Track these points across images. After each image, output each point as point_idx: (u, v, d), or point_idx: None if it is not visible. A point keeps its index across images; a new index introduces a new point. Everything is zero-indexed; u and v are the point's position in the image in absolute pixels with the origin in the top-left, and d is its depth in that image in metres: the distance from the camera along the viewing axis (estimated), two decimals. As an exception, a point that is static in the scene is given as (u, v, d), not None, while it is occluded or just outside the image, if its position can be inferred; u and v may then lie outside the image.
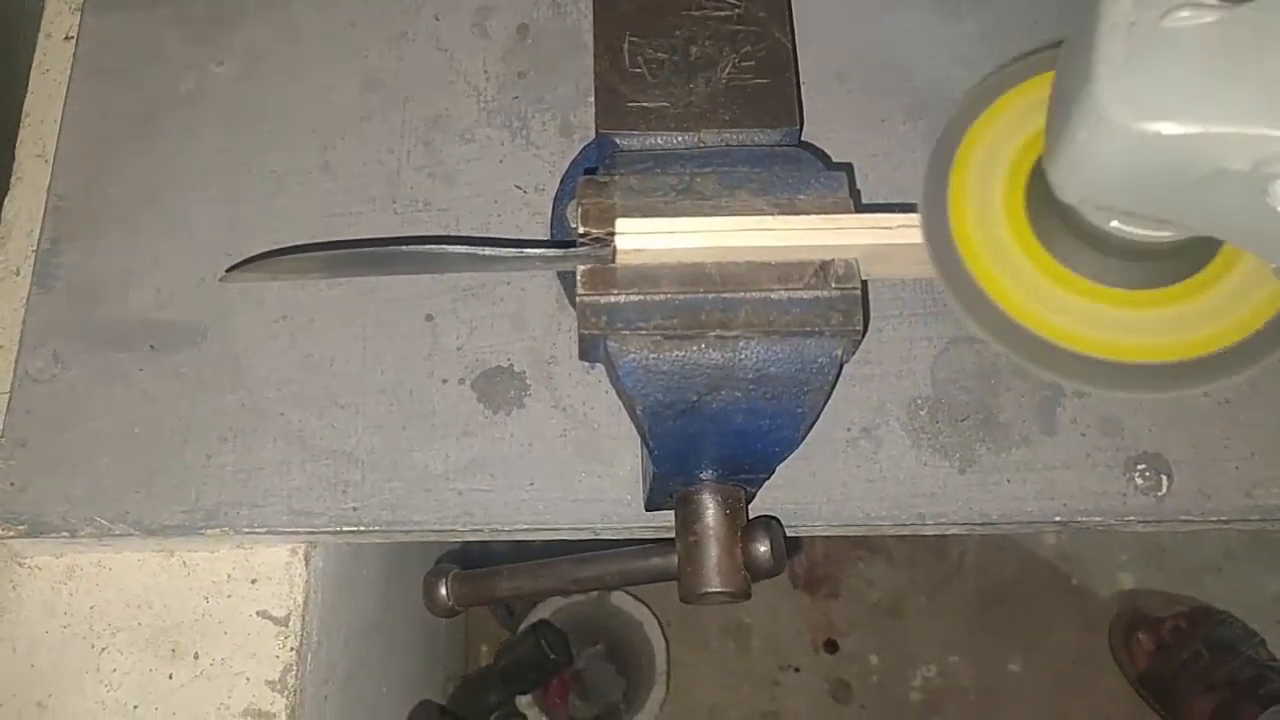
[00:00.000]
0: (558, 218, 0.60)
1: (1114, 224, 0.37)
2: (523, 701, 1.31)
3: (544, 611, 1.38)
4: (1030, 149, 0.42)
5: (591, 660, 1.42)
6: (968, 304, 0.41)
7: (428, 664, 1.12)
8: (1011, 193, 0.41)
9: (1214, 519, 0.57)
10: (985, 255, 0.41)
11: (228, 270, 0.54)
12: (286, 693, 0.58)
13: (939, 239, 0.42)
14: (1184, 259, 0.39)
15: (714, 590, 0.48)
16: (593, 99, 0.56)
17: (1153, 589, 1.52)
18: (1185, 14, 0.29)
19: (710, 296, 0.45)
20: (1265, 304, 0.39)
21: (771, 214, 0.46)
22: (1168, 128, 0.29)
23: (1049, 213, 0.39)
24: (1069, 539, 1.53)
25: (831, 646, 1.51)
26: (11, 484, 0.57)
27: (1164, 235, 0.36)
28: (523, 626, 1.31)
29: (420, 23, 0.66)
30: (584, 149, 0.61)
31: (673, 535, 0.51)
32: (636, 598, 1.44)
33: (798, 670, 1.50)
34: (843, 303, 0.45)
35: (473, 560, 0.57)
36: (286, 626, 0.59)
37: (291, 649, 0.59)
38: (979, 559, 1.54)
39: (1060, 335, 0.40)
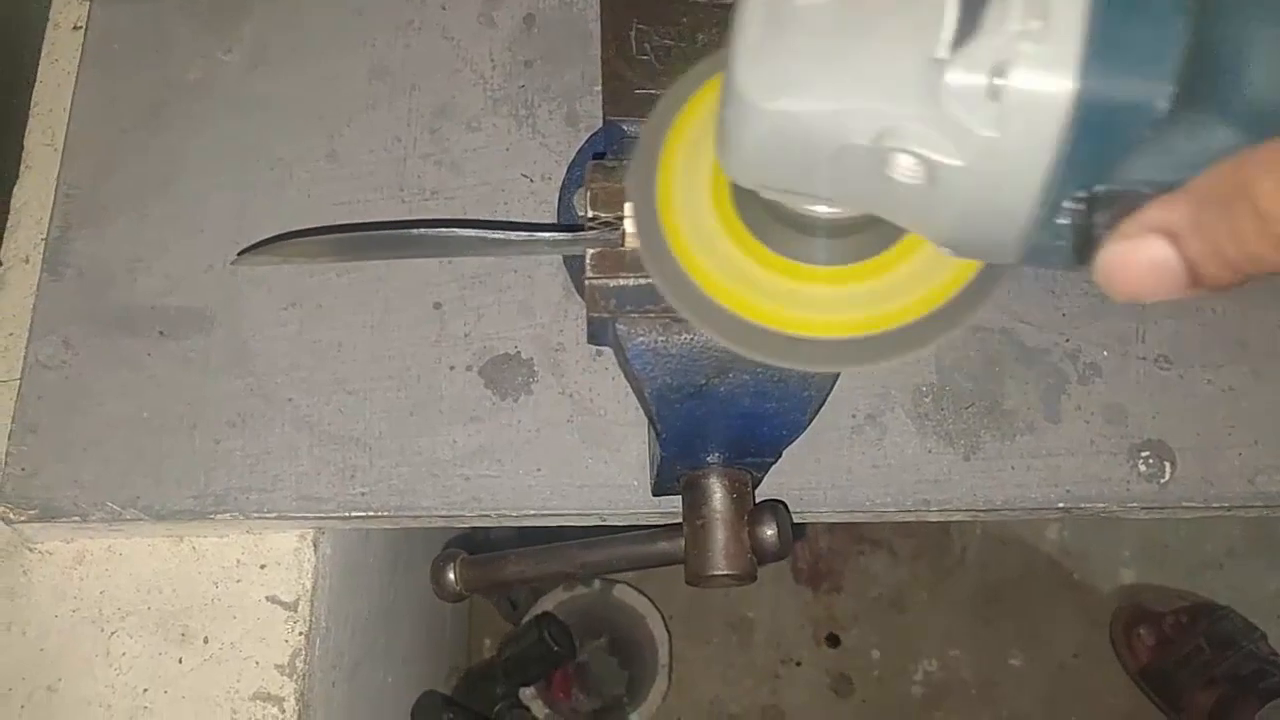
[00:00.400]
0: (564, 206, 0.60)
1: (784, 200, 0.37)
2: (526, 694, 1.31)
3: (547, 604, 1.39)
4: None
5: (594, 653, 1.43)
6: (675, 292, 0.41)
7: (432, 656, 1.13)
8: (718, 182, 0.41)
9: (1217, 505, 0.57)
10: (686, 232, 0.41)
11: (239, 253, 0.55)
12: (295, 677, 0.58)
13: (652, 233, 0.42)
14: (877, 234, 0.39)
15: (720, 573, 0.49)
16: (599, 88, 0.57)
17: (1154, 584, 1.52)
18: None
19: (718, 280, 0.45)
20: (952, 278, 0.39)
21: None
22: (792, 104, 0.30)
23: (748, 197, 0.39)
24: (1070, 534, 1.54)
25: (833, 640, 1.52)
26: (22, 469, 0.58)
27: (835, 211, 0.37)
28: (526, 619, 1.31)
29: (427, 11, 0.66)
30: (590, 137, 0.62)
31: (679, 521, 0.51)
32: (639, 590, 1.44)
33: (799, 664, 1.51)
34: (850, 286, 0.46)
35: (478, 549, 0.57)
36: (295, 611, 0.59)
37: (300, 634, 0.59)
38: (981, 553, 1.54)
39: (757, 313, 0.40)
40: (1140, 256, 0.27)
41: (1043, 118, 0.26)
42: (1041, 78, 0.26)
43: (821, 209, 0.37)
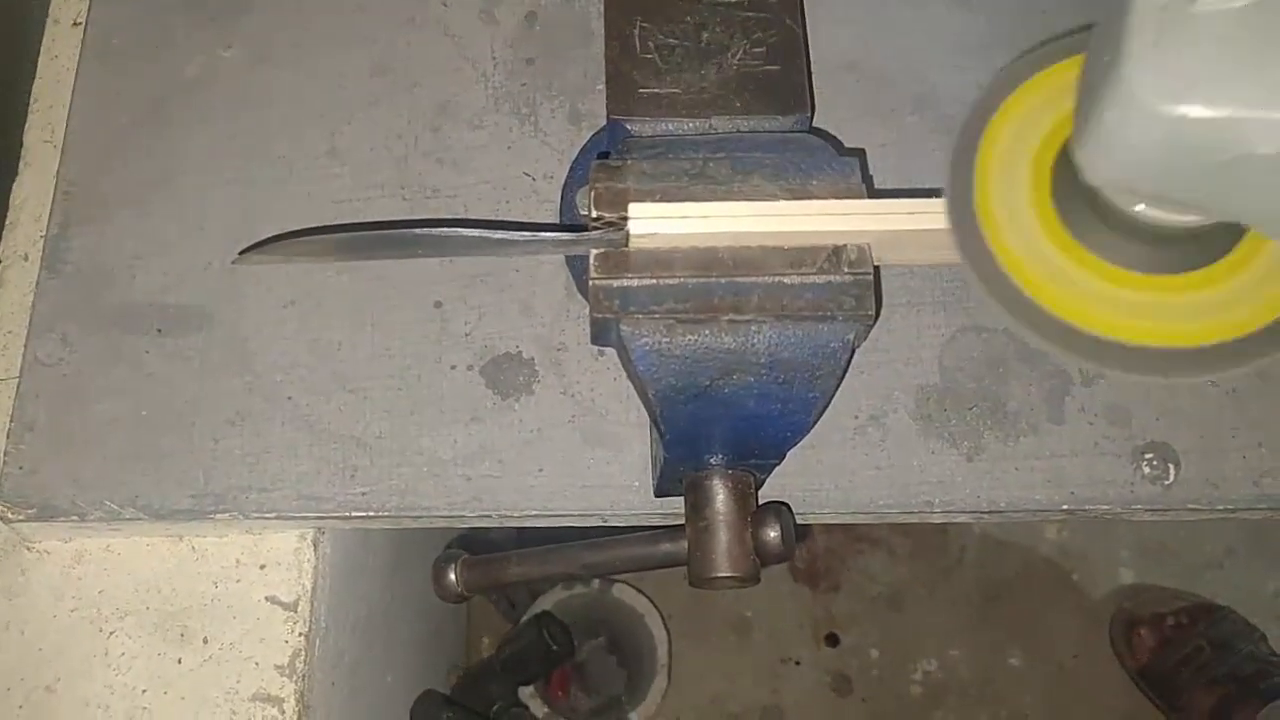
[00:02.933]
0: (567, 205, 0.60)
1: (1139, 207, 0.37)
2: (525, 693, 1.31)
3: (546, 603, 1.38)
4: (1056, 133, 0.42)
5: (593, 652, 1.42)
6: (990, 286, 0.41)
7: (431, 656, 1.13)
8: (1037, 177, 0.41)
9: (1221, 508, 0.57)
10: (1010, 239, 0.41)
11: (241, 252, 0.54)
12: (295, 678, 0.58)
13: (964, 223, 0.41)
14: (1208, 245, 0.39)
15: (723, 575, 0.48)
16: (601, 86, 0.56)
17: (1154, 584, 1.52)
18: None
19: (723, 281, 0.45)
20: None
21: (784, 199, 0.46)
22: (1195, 110, 0.29)
23: (1074, 197, 0.39)
24: (1070, 534, 1.53)
25: (832, 640, 1.51)
26: (21, 468, 0.57)
27: (1189, 220, 0.36)
28: (525, 618, 1.31)
29: (428, 9, 0.66)
30: (593, 136, 0.61)
31: (681, 522, 0.51)
32: (638, 590, 1.44)
33: (799, 663, 1.50)
34: (855, 288, 0.45)
35: (479, 549, 0.57)
36: (295, 612, 0.59)
37: (300, 634, 0.59)
38: (980, 553, 1.54)
39: (1082, 318, 0.40)
40: None
41: None
42: None
43: (1177, 217, 0.36)
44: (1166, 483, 0.57)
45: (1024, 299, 0.40)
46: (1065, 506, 0.57)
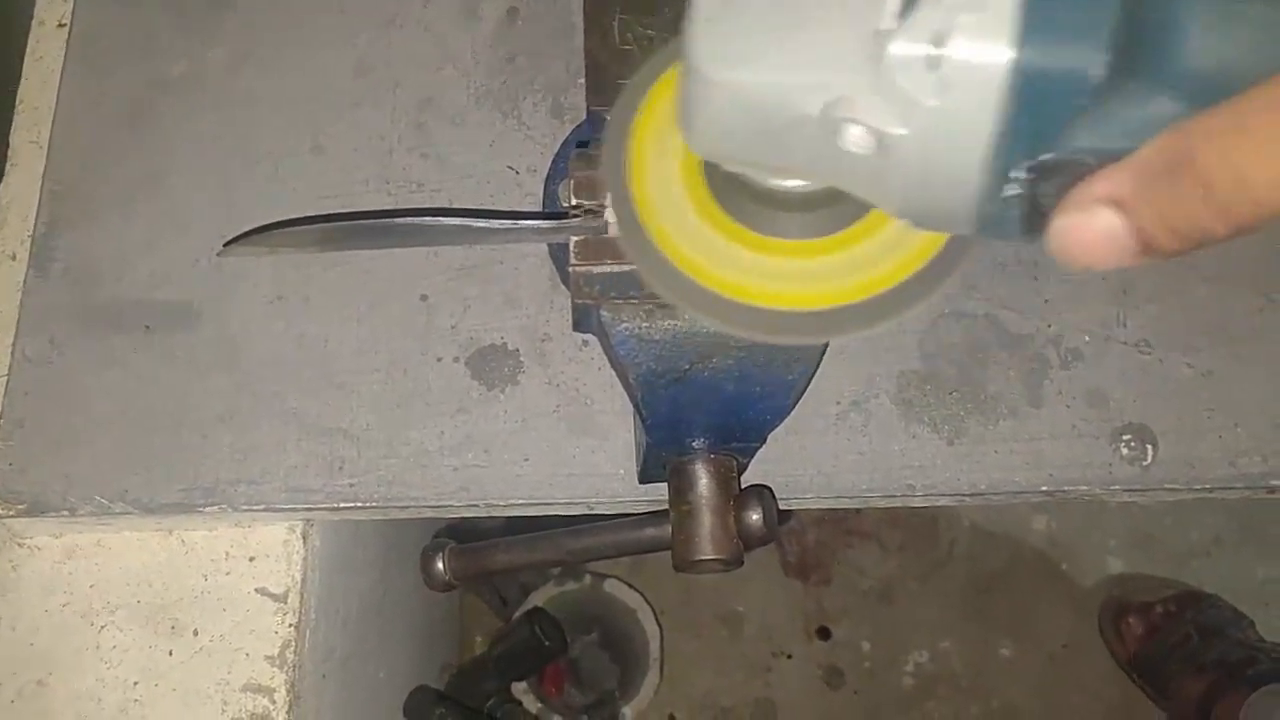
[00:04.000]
0: (550, 197, 0.60)
1: (748, 173, 0.37)
2: (518, 689, 1.31)
3: (538, 599, 1.39)
4: None
5: (586, 648, 1.43)
6: (643, 261, 0.41)
7: (423, 652, 1.13)
8: (688, 155, 0.42)
9: (1198, 487, 0.58)
10: (658, 207, 0.42)
11: (225, 244, 0.55)
12: (286, 668, 0.59)
13: (626, 214, 0.42)
14: (843, 208, 0.39)
15: (707, 558, 0.49)
16: (583, 80, 0.57)
17: (1142, 573, 1.53)
18: None
19: (701, 265, 0.46)
20: (919, 251, 0.40)
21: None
22: (743, 76, 0.30)
23: (713, 171, 0.40)
24: (1058, 524, 1.54)
25: (824, 633, 1.52)
26: (10, 464, 0.58)
27: (800, 185, 0.37)
28: (517, 614, 1.32)
29: (410, 7, 0.66)
30: (575, 129, 0.62)
31: (666, 508, 0.52)
32: (630, 585, 1.45)
33: (790, 657, 1.51)
34: (832, 271, 0.46)
35: (467, 539, 0.57)
36: (285, 603, 0.60)
37: (290, 625, 0.59)
38: (970, 545, 1.55)
39: (724, 286, 0.40)
40: (1090, 226, 0.28)
41: (981, 86, 0.27)
42: (979, 47, 0.27)
43: (783, 182, 0.37)
44: (1144, 463, 0.58)
45: (671, 268, 0.41)
46: (1045, 488, 0.57)
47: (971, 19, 0.26)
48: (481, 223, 0.48)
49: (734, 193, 0.40)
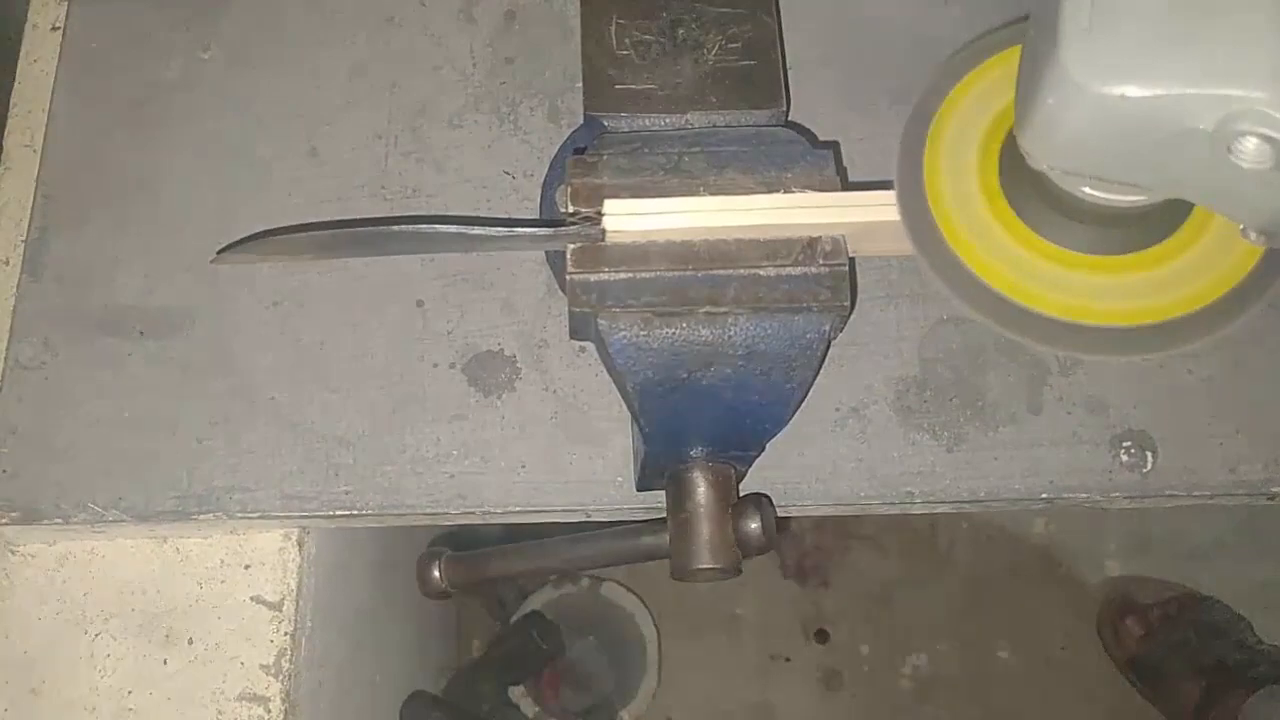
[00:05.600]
0: (547, 202, 0.60)
1: (1084, 189, 0.37)
2: (515, 692, 1.31)
3: (535, 603, 1.38)
4: (1001, 122, 0.42)
5: (583, 651, 1.42)
6: (945, 276, 0.41)
7: (420, 656, 1.13)
8: (985, 164, 0.42)
9: (1198, 494, 0.57)
10: (961, 226, 0.42)
11: (220, 251, 0.54)
12: (281, 677, 0.58)
13: (917, 215, 0.42)
14: (1155, 224, 0.39)
15: (705, 566, 0.49)
16: (580, 84, 0.56)
17: (1140, 576, 1.52)
18: None
19: (699, 274, 0.46)
20: (1232, 269, 0.40)
21: (760, 192, 0.47)
22: (1132, 90, 0.30)
23: (1022, 182, 0.40)
24: (1057, 527, 1.54)
25: (822, 636, 1.52)
26: (3, 471, 0.58)
27: (1134, 200, 0.37)
28: (514, 618, 1.31)
29: (407, 8, 0.66)
30: (572, 134, 0.62)
31: (663, 516, 0.51)
32: (628, 588, 1.44)
33: (789, 660, 1.51)
34: (830, 279, 0.46)
35: (463, 547, 0.57)
36: (280, 611, 0.59)
37: (285, 633, 0.59)
38: (968, 548, 1.55)
39: (1034, 301, 0.40)
40: None
41: None
42: None
43: (1121, 198, 0.37)
44: (1144, 470, 0.57)
45: (979, 285, 0.41)
46: (1044, 495, 0.57)
47: None
48: (478, 230, 0.47)
49: (1037, 203, 0.39)
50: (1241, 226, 0.35)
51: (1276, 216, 0.32)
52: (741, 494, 0.52)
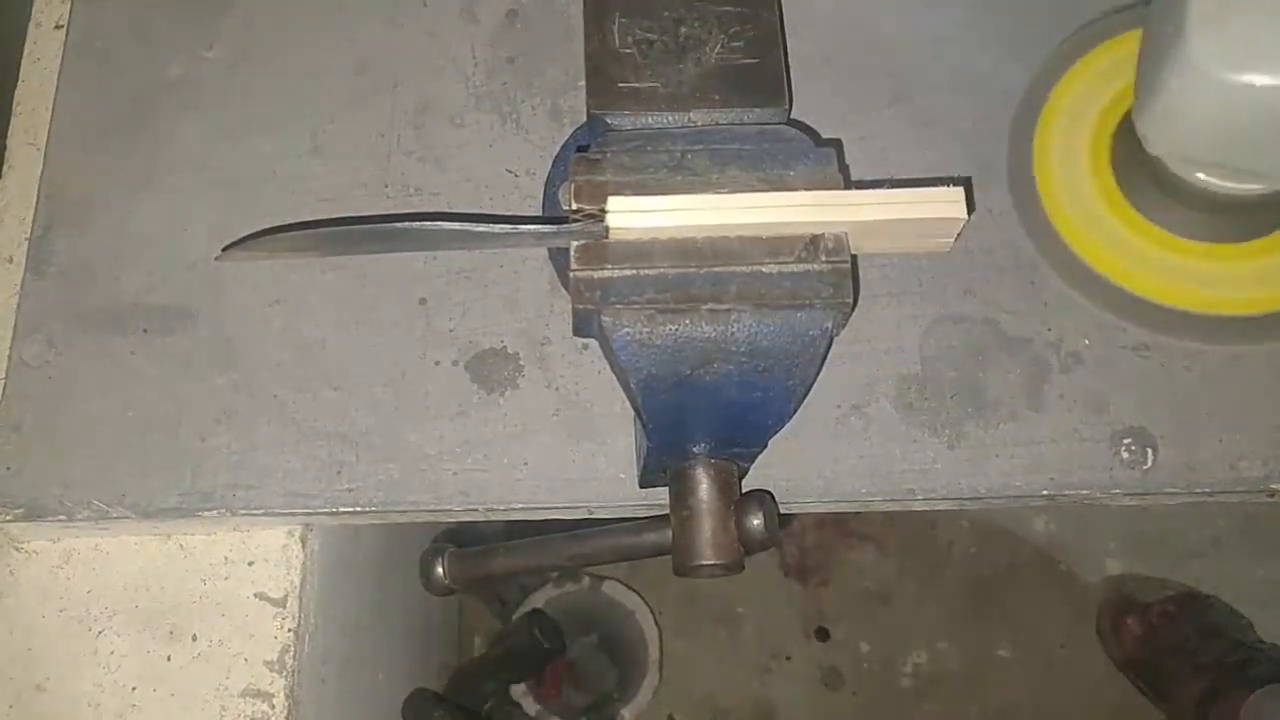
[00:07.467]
0: (550, 200, 0.60)
1: (1199, 176, 0.37)
2: (517, 690, 1.31)
3: (537, 601, 1.39)
4: (1114, 107, 0.42)
5: (585, 649, 1.43)
6: (1052, 258, 0.41)
7: (422, 654, 1.13)
8: (1096, 148, 0.41)
9: (1199, 491, 0.57)
10: (1069, 210, 0.41)
11: (224, 249, 0.55)
12: (285, 673, 0.58)
13: (1026, 197, 0.41)
14: (1268, 214, 0.39)
15: (708, 563, 0.49)
16: (582, 83, 0.57)
17: (1140, 574, 1.53)
18: None
19: (702, 271, 0.46)
20: None
21: (762, 189, 0.47)
22: (1260, 79, 0.29)
23: (1135, 167, 0.39)
24: (1057, 525, 1.54)
25: (823, 634, 1.52)
26: (7, 468, 0.58)
27: (1251, 188, 0.36)
28: (516, 616, 1.31)
29: (409, 7, 0.66)
30: (575, 132, 0.62)
31: (666, 513, 0.52)
32: (629, 586, 1.45)
33: (789, 658, 1.51)
34: (832, 276, 0.46)
35: (466, 544, 0.57)
36: (284, 608, 0.59)
37: (289, 630, 0.59)
38: (968, 546, 1.55)
39: (1144, 287, 0.40)
40: None
41: None
42: None
43: (1238, 185, 0.36)
44: (1145, 467, 0.57)
45: (1086, 269, 0.40)
46: (1045, 492, 0.57)
47: None
48: (481, 227, 0.48)
49: (1152, 188, 0.39)
50: None
51: None
52: (744, 491, 0.52)
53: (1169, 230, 0.40)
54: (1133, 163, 0.39)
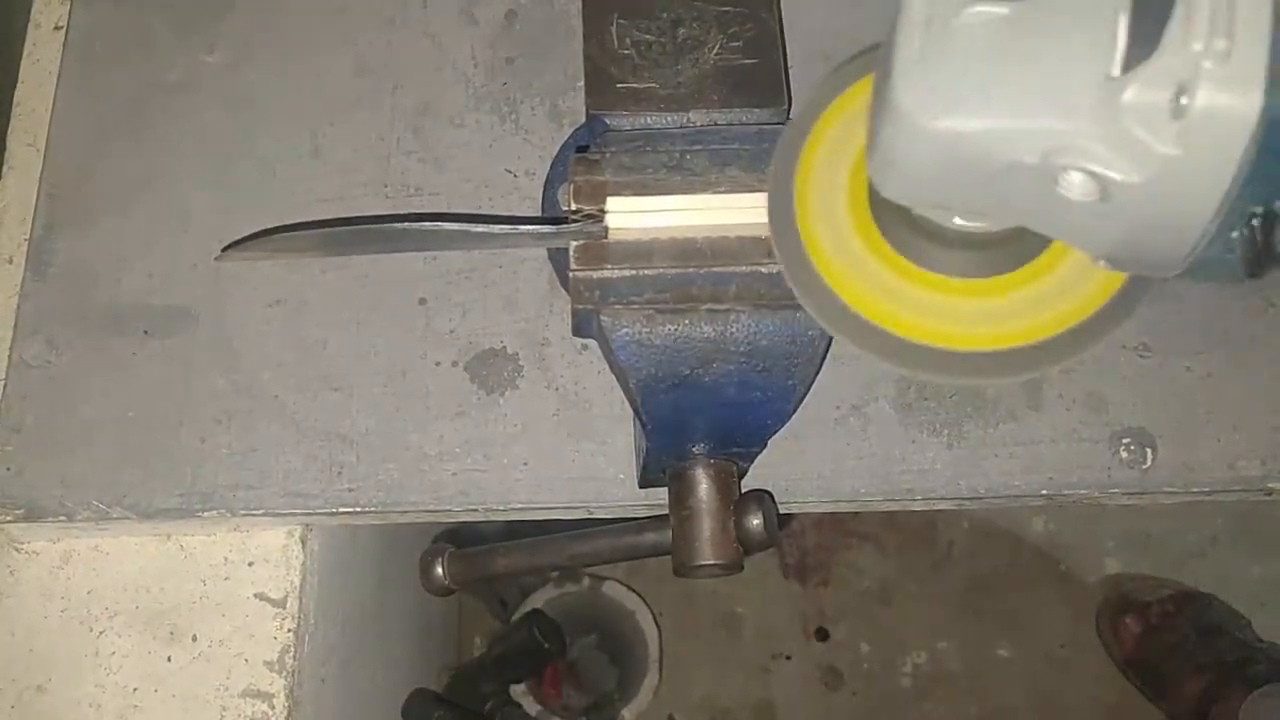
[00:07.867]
0: (549, 201, 0.60)
1: (935, 215, 0.37)
2: (517, 691, 1.31)
3: (537, 601, 1.39)
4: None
5: (585, 649, 1.43)
6: (807, 292, 0.41)
7: (422, 654, 1.13)
8: (855, 186, 0.42)
9: (1197, 491, 0.58)
10: (827, 243, 0.41)
11: (224, 249, 0.55)
12: (285, 673, 0.58)
13: (784, 232, 0.42)
14: (1016, 247, 0.39)
15: (707, 563, 0.49)
16: (581, 84, 0.57)
17: (1139, 573, 1.53)
18: (978, 9, 0.29)
19: (702, 271, 0.46)
20: (1094, 293, 0.40)
21: (761, 190, 0.47)
22: (960, 124, 0.29)
23: (886, 205, 0.39)
24: (1056, 525, 1.54)
25: (822, 634, 1.52)
26: (8, 469, 0.58)
27: (985, 226, 0.37)
28: (516, 616, 1.31)
29: (409, 9, 0.66)
30: (574, 132, 0.62)
31: (665, 513, 0.52)
32: (629, 587, 1.45)
33: (789, 658, 1.51)
34: (831, 276, 0.46)
35: (466, 544, 0.57)
36: (284, 608, 0.60)
37: (289, 630, 0.59)
38: (968, 546, 1.55)
39: (893, 323, 0.40)
40: None
41: (1228, 135, 0.26)
42: (1230, 96, 0.26)
43: (970, 224, 0.37)
44: (1144, 467, 0.58)
45: (837, 304, 0.41)
46: (1044, 492, 0.57)
47: (1221, 68, 0.26)
48: (481, 227, 0.48)
49: (902, 228, 0.39)
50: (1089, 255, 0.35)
51: (1114, 246, 0.31)
52: (743, 491, 0.52)
53: (924, 267, 0.40)
54: (885, 202, 0.39)
